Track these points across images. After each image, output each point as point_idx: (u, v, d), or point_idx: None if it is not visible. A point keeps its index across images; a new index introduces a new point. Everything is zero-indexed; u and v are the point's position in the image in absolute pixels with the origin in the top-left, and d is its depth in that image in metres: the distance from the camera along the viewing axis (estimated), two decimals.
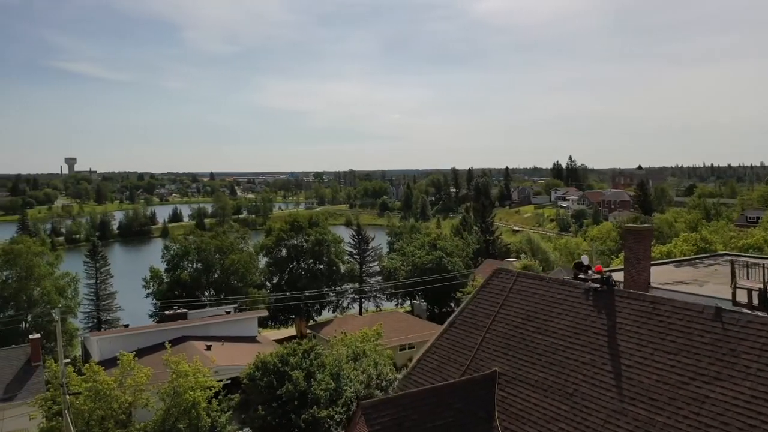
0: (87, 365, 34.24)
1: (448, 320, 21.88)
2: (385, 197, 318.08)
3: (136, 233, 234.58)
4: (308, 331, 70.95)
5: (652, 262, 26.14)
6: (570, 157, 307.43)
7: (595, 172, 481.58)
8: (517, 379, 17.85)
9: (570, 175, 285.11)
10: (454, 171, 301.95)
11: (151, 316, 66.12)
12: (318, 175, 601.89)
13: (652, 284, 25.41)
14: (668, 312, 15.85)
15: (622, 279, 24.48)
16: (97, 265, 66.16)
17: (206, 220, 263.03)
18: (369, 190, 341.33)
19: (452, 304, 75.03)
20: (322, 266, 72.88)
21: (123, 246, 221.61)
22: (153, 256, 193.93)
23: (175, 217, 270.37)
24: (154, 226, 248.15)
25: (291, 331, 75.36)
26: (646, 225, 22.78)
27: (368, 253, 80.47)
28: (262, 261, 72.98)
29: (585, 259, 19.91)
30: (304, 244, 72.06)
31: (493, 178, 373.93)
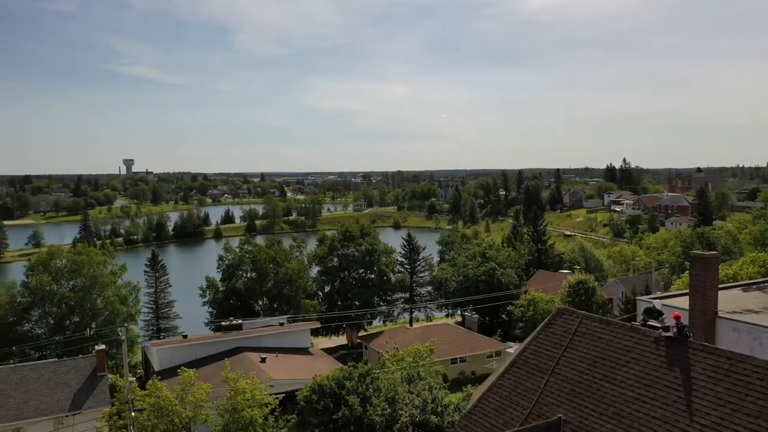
0: (150, 381, 35.45)
1: (510, 360, 21.57)
2: (433, 199, 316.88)
3: (190, 234, 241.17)
4: (359, 340, 71.43)
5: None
6: (624, 159, 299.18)
7: (650, 173, 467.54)
8: (583, 429, 17.44)
9: (624, 178, 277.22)
10: (504, 173, 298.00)
11: (207, 324, 67.85)
12: (366, 176, 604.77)
13: (719, 313, 24.42)
14: (747, 371, 15.17)
15: (687, 306, 23.65)
16: (157, 274, 68.43)
17: (257, 222, 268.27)
18: (417, 192, 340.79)
19: (504, 316, 74.11)
20: (373, 276, 73.17)
21: (178, 247, 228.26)
22: (206, 257, 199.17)
23: (227, 218, 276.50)
24: (207, 228, 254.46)
25: (342, 340, 75.94)
26: (713, 252, 21.94)
27: (419, 262, 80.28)
28: (314, 270, 73.82)
29: (658, 304, 19.25)
30: (356, 253, 72.51)
31: (543, 179, 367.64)
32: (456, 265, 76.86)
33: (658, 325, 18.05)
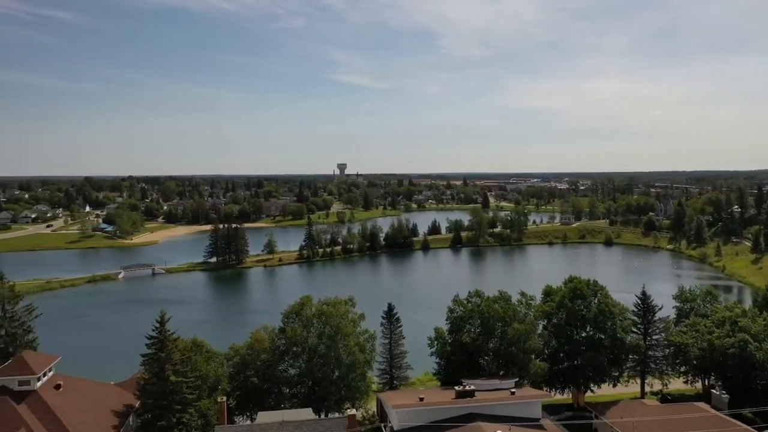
0: None
1: None
2: (651, 214, 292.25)
3: (399, 245, 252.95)
4: (587, 405, 68.36)
5: None
6: None
7: None
8: None
9: None
10: (740, 190, 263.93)
11: (435, 375, 70.31)
12: (572, 182, 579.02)
13: None
14: None
15: None
16: (392, 326, 72.40)
17: (462, 234, 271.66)
18: (632, 206, 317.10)
19: (759, 391, 65.26)
20: (603, 336, 69.40)
21: (389, 257, 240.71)
22: (418, 270, 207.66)
23: (434, 229, 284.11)
24: (415, 239, 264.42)
25: (566, 398, 73.45)
26: None
27: (653, 323, 74.17)
28: (540, 325, 72.00)
29: None
30: (586, 312, 69.44)
31: None
32: (699, 331, 69.67)
33: None
